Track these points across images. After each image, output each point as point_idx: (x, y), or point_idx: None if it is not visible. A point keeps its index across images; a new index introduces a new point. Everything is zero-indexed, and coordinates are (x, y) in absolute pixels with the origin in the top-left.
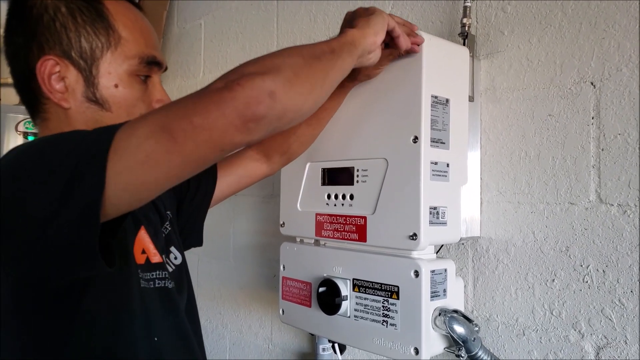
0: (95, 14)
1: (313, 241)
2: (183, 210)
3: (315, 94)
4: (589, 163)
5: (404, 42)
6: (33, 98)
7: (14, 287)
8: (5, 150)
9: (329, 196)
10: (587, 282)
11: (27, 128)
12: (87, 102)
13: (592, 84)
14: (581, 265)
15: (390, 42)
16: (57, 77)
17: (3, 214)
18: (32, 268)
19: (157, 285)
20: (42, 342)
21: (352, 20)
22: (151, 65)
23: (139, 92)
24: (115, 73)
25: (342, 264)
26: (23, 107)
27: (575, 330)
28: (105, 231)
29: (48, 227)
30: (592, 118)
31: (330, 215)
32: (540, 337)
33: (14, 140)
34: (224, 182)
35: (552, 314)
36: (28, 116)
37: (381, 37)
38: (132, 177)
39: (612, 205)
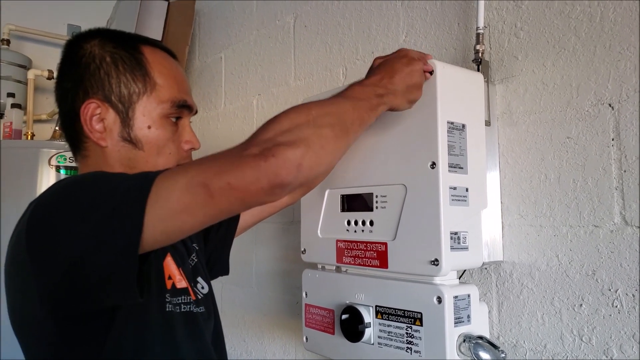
0: (135, 62)
1: (334, 268)
2: (209, 241)
3: (336, 160)
4: (611, 185)
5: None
6: (76, 137)
7: (47, 315)
8: (39, 182)
9: (348, 222)
10: (616, 306)
11: (59, 162)
12: (122, 142)
13: (610, 105)
14: (609, 290)
15: None
16: (98, 118)
17: (45, 245)
18: (68, 297)
19: (182, 309)
20: None
21: (393, 73)
22: (182, 109)
23: (170, 133)
24: (149, 115)
25: (364, 290)
26: (56, 142)
27: (606, 356)
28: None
29: (86, 262)
30: (612, 140)
31: (351, 242)
32: None
33: (47, 173)
34: (248, 213)
35: (581, 340)
36: (61, 151)
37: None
38: (169, 224)
39: (639, 227)
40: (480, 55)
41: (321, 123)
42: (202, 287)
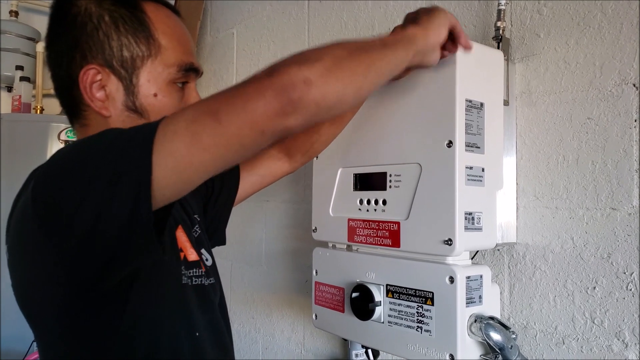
0: (137, 22)
1: (345, 246)
2: (208, 210)
3: (356, 83)
4: (632, 167)
5: (465, 41)
6: (73, 104)
7: (65, 289)
8: (48, 157)
9: (361, 201)
10: (630, 290)
11: (68, 137)
12: (126, 111)
13: (634, 85)
14: (624, 273)
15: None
16: (98, 85)
17: (55, 214)
18: (90, 263)
19: (194, 282)
20: (89, 340)
21: (414, 19)
22: (189, 72)
23: (177, 100)
24: (154, 81)
25: (375, 269)
26: (65, 117)
27: (618, 339)
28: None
29: (103, 215)
30: (635, 121)
31: (363, 221)
32: (582, 347)
33: (57, 148)
34: (247, 181)
35: (593, 322)
36: (70, 126)
37: (444, 35)
38: (179, 159)
39: None
40: (501, 32)
41: (335, 46)
42: (207, 259)
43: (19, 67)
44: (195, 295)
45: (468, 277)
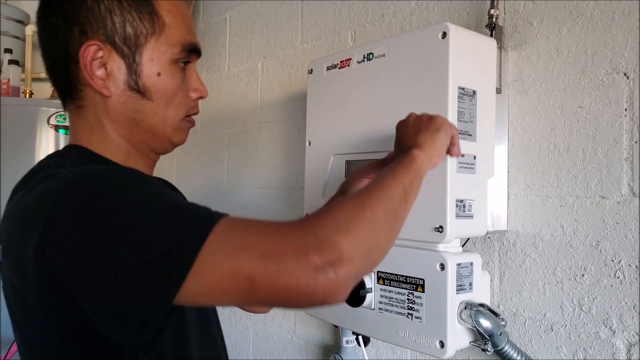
0: None
1: None
2: None
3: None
4: (621, 156)
5: (456, 151)
6: (69, 83)
7: (60, 327)
8: (38, 142)
9: None
10: (618, 277)
11: (58, 121)
12: (128, 91)
13: (625, 74)
14: (612, 261)
15: None
16: (99, 63)
17: (55, 274)
18: (67, 321)
19: None
20: None
21: (415, 134)
22: (192, 53)
23: (179, 80)
24: (157, 61)
25: None
26: (55, 101)
27: (606, 326)
28: None
29: (102, 304)
30: (625, 110)
31: None
32: (569, 333)
33: (46, 132)
34: None
35: (581, 309)
36: (60, 110)
37: (442, 157)
38: (199, 299)
39: None
40: (494, 20)
41: (377, 216)
42: None
43: (8, 50)
44: (196, 316)
45: (459, 264)
